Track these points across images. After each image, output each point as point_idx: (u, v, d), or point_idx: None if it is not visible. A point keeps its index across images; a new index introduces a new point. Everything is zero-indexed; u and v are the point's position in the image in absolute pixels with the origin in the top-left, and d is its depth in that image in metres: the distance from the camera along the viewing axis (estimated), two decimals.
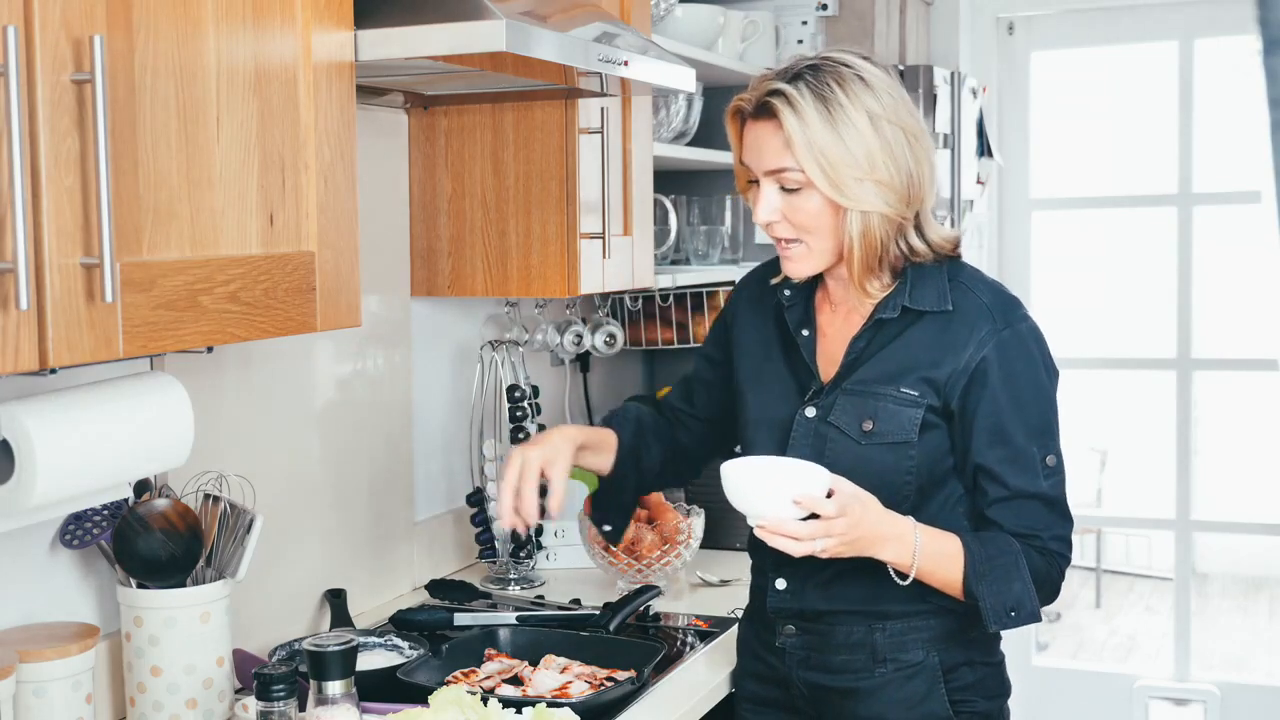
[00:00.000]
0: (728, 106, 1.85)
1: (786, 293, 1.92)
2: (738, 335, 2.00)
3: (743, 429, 1.96)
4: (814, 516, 1.70)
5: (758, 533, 1.72)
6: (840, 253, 1.81)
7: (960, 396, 1.80)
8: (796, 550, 1.70)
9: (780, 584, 1.89)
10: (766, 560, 1.90)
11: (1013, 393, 1.80)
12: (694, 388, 2.11)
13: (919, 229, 1.82)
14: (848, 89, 1.73)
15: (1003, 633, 1.87)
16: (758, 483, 1.73)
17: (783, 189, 1.78)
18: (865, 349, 1.84)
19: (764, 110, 1.77)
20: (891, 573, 1.78)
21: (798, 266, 1.84)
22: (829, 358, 1.88)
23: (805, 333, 1.90)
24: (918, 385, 1.80)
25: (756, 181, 1.82)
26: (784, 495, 1.69)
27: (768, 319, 1.96)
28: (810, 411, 1.85)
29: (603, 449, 2.01)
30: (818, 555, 1.71)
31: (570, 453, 1.93)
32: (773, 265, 1.98)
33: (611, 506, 2.06)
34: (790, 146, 1.74)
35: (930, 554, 1.76)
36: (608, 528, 2.08)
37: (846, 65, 1.76)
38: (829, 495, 1.71)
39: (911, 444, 1.80)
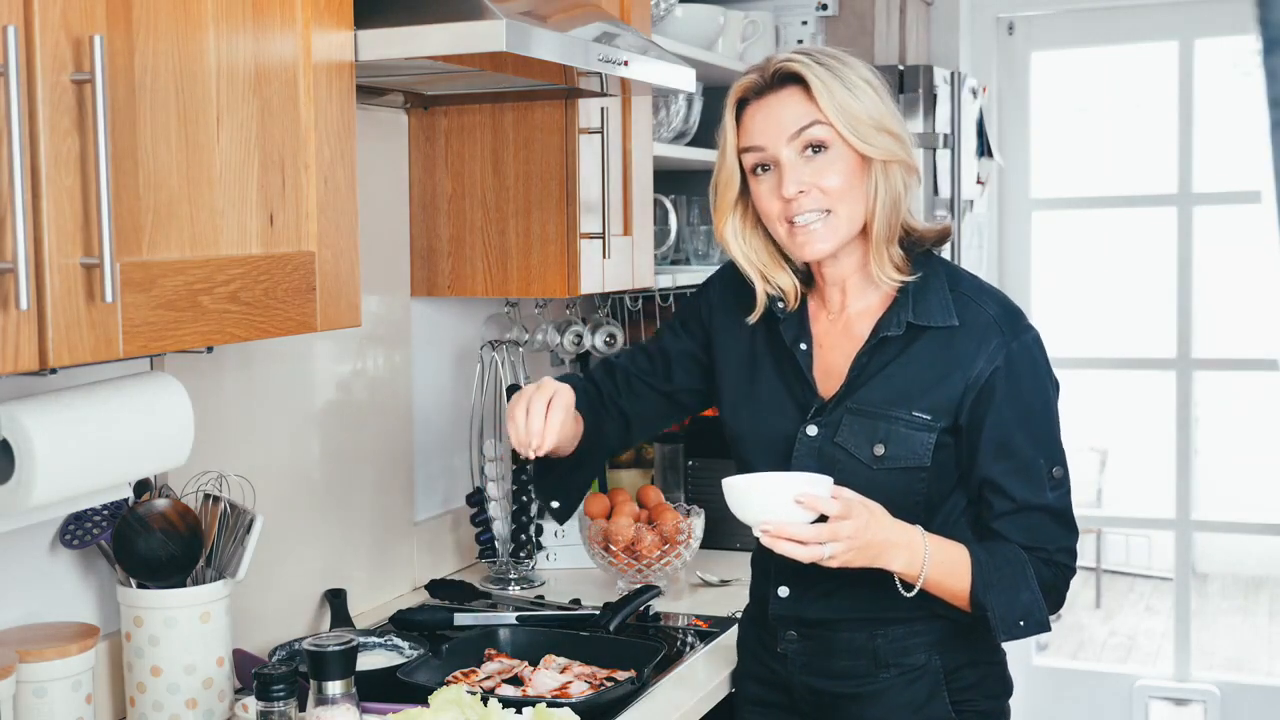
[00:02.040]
0: (728, 97, 1.82)
1: (780, 304, 1.88)
2: (720, 337, 1.95)
3: (735, 445, 1.92)
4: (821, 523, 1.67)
5: (763, 539, 1.68)
6: (863, 220, 1.79)
7: (970, 411, 1.78)
8: (803, 555, 1.66)
9: (783, 591, 1.87)
10: (770, 568, 1.88)
11: (1019, 405, 1.78)
12: (674, 362, 2.00)
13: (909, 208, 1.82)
14: (845, 62, 1.79)
15: None
16: (759, 488, 1.71)
17: (805, 153, 1.76)
18: (868, 365, 1.81)
19: (779, 80, 1.78)
20: (898, 584, 1.76)
21: (820, 244, 1.78)
22: (827, 371, 1.85)
23: (803, 346, 1.86)
24: (930, 408, 1.78)
25: (765, 167, 1.79)
26: (786, 495, 1.66)
27: (752, 326, 1.91)
28: (812, 430, 1.82)
29: (575, 421, 1.89)
30: (827, 564, 1.68)
31: (573, 400, 1.82)
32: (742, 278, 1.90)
33: (568, 485, 1.99)
34: (817, 99, 1.75)
35: (939, 563, 1.74)
36: (555, 504, 2.01)
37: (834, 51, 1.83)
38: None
39: (925, 469, 1.78)
